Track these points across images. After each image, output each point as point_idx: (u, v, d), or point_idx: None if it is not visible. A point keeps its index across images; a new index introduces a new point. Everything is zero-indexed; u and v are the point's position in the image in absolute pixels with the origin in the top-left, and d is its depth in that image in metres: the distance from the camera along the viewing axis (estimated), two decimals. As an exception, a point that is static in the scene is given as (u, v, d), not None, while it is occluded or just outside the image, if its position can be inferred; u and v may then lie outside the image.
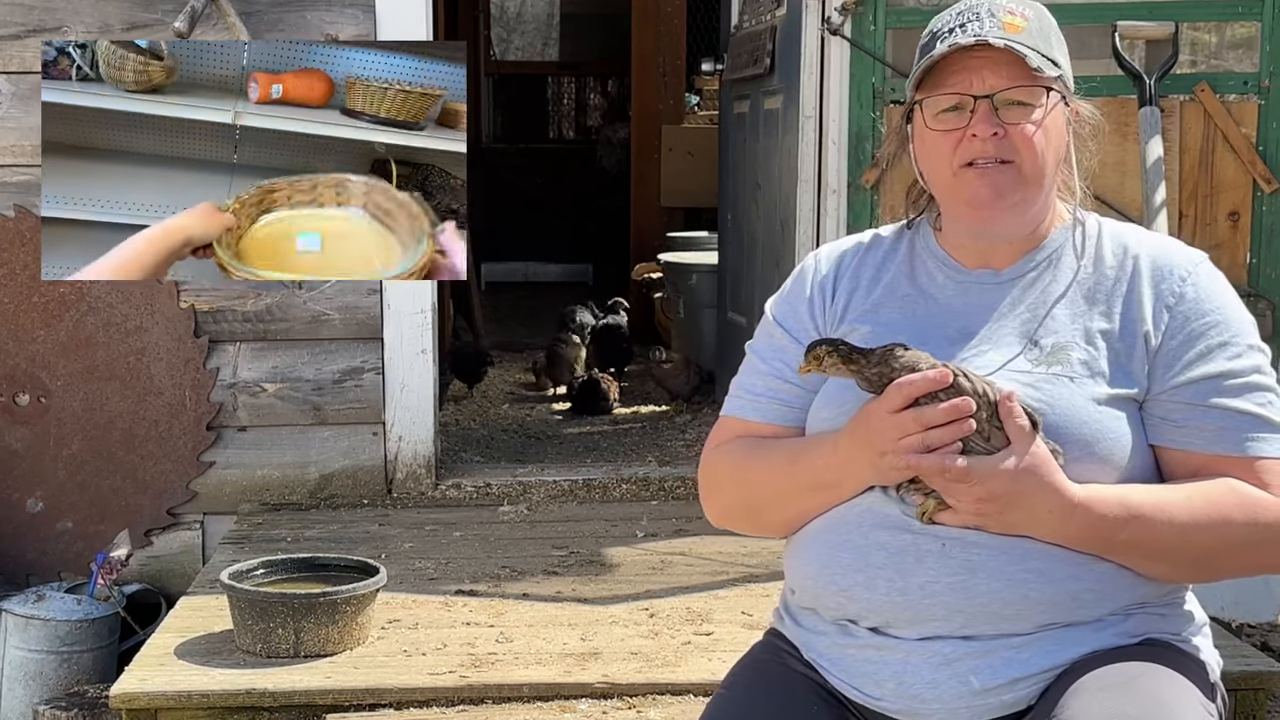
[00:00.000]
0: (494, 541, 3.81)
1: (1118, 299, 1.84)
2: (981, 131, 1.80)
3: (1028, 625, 1.76)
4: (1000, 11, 1.83)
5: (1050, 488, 1.71)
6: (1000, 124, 1.80)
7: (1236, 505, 1.75)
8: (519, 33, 12.74)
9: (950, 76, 1.82)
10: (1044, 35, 1.84)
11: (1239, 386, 1.79)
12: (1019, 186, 1.82)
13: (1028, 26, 1.83)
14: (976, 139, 1.80)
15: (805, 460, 1.85)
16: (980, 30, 1.81)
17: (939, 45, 1.82)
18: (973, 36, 1.80)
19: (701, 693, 2.78)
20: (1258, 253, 4.09)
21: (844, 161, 4.12)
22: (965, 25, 1.82)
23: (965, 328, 1.87)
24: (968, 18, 1.83)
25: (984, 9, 1.83)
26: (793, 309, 1.98)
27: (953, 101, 1.82)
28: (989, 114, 1.80)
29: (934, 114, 1.84)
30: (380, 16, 4.02)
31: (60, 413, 4.03)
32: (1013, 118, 1.81)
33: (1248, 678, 2.85)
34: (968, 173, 1.82)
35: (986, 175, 1.81)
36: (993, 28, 1.81)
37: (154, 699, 2.79)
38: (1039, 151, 1.81)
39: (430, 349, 4.18)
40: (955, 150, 1.82)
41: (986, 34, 1.80)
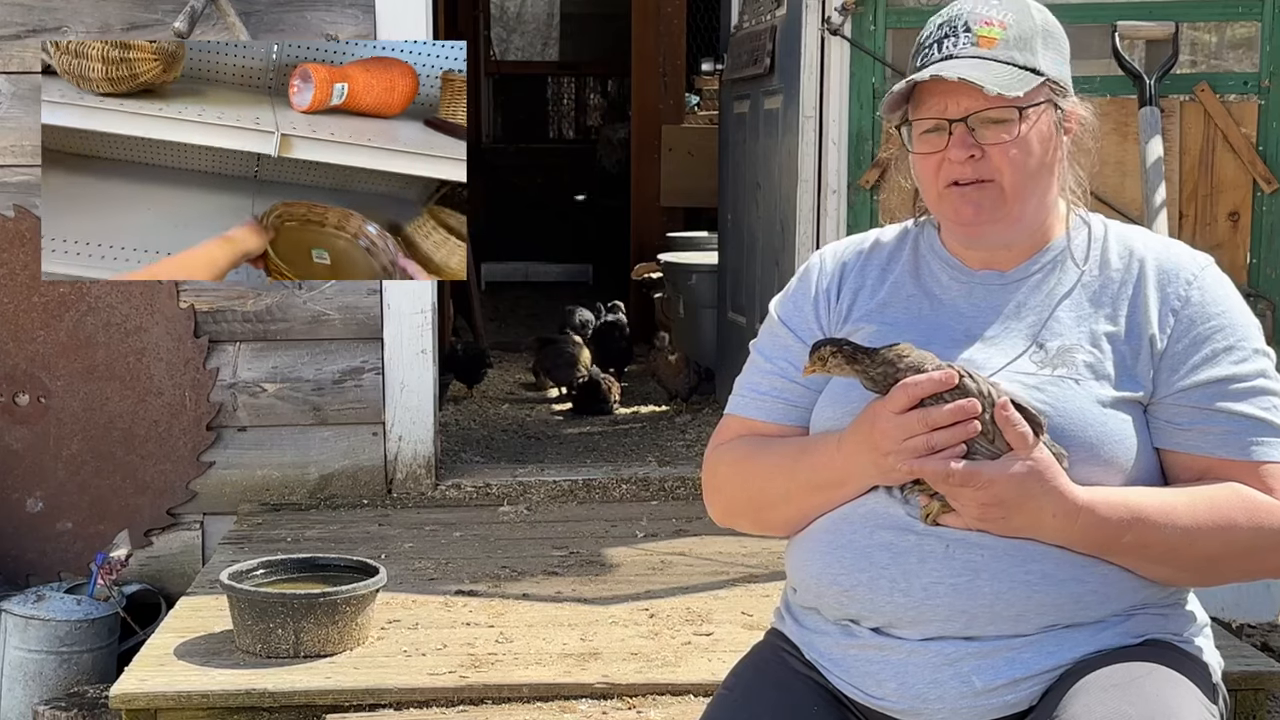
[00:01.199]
0: (494, 541, 3.81)
1: (1124, 302, 1.84)
2: (956, 155, 1.81)
3: (1030, 626, 1.76)
4: (977, 24, 1.82)
5: (1055, 491, 1.71)
6: (977, 145, 1.80)
7: (1240, 509, 1.75)
8: (519, 33, 12.74)
9: (928, 98, 1.83)
10: (1024, 41, 1.83)
11: (1244, 391, 1.79)
12: (1000, 204, 1.83)
13: (1005, 36, 1.82)
14: (953, 162, 1.81)
15: (809, 459, 1.85)
16: (954, 48, 1.81)
17: (918, 64, 1.83)
18: (940, 62, 1.80)
19: (701, 693, 2.78)
20: (1258, 253, 4.09)
21: (844, 161, 4.12)
22: (943, 41, 1.83)
23: (970, 328, 1.87)
24: (946, 31, 1.84)
25: (961, 23, 1.83)
26: (798, 308, 1.99)
27: (931, 124, 1.83)
28: (964, 137, 1.80)
29: (918, 134, 1.85)
30: (380, 16, 4.02)
31: (60, 413, 4.03)
32: (990, 137, 1.80)
33: (1248, 678, 2.85)
34: (950, 193, 1.84)
35: (968, 196, 1.82)
36: (966, 44, 1.81)
37: (154, 699, 2.79)
38: (1019, 167, 1.81)
39: (430, 349, 4.17)
40: (938, 171, 1.83)
41: (958, 53, 1.80)
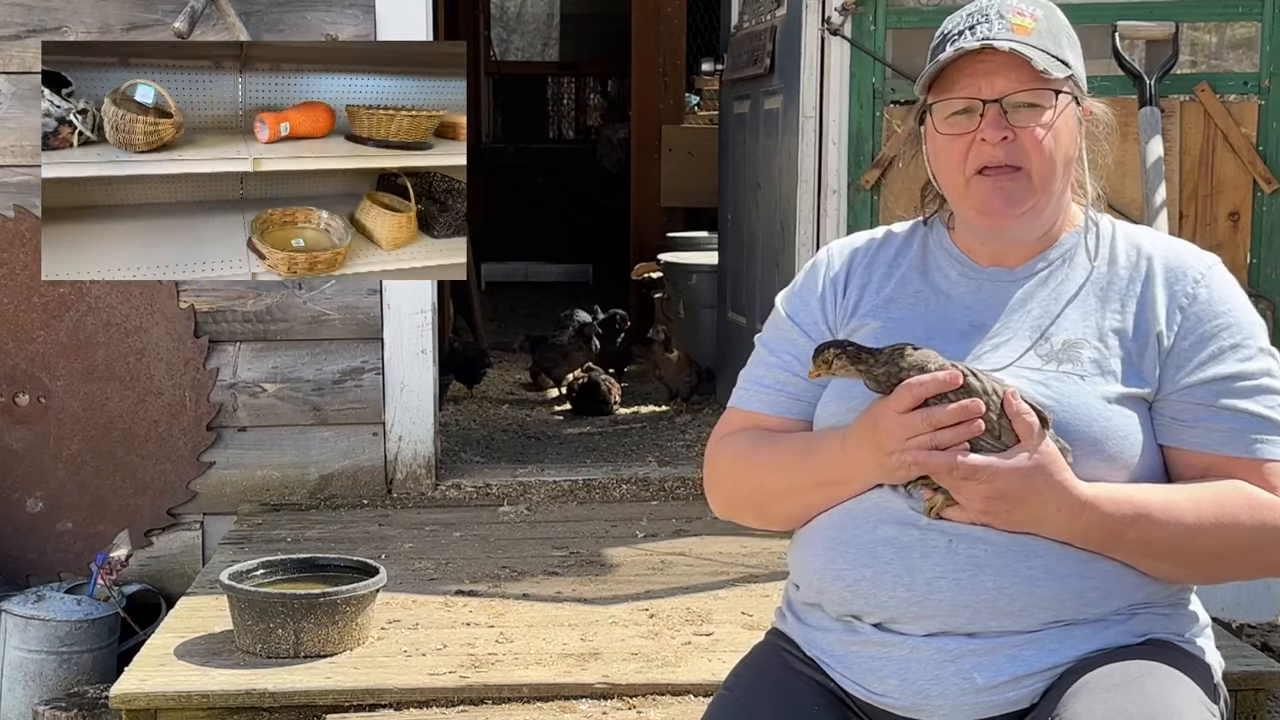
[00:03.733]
0: (494, 542, 3.81)
1: (1131, 299, 1.84)
2: (990, 136, 1.80)
3: (1032, 622, 1.76)
4: (1010, 13, 1.83)
5: (1059, 486, 1.71)
6: (1009, 127, 1.80)
7: (1244, 507, 1.75)
8: (519, 33, 12.74)
9: (960, 80, 1.82)
10: (1054, 35, 1.84)
11: (1249, 389, 1.79)
12: (1029, 194, 1.82)
13: (1037, 27, 1.82)
14: (986, 144, 1.80)
15: (813, 456, 1.85)
16: (989, 32, 1.81)
17: (948, 48, 1.82)
18: (980, 40, 1.80)
19: (701, 693, 2.78)
20: (1258, 253, 4.09)
21: (844, 161, 4.12)
22: (974, 27, 1.82)
23: (977, 324, 1.87)
24: (977, 19, 1.83)
25: (993, 10, 1.83)
26: (804, 303, 1.98)
27: (962, 105, 1.82)
28: (998, 118, 1.80)
29: (944, 117, 1.84)
30: (380, 16, 4.02)
31: (60, 413, 4.03)
32: (1022, 120, 1.80)
33: (1248, 678, 2.85)
34: (980, 180, 1.83)
35: (999, 185, 1.81)
36: (1001, 30, 1.81)
37: (154, 699, 2.79)
38: (1048, 155, 1.81)
39: (430, 349, 4.18)
40: (966, 156, 1.82)
41: (994, 37, 1.80)
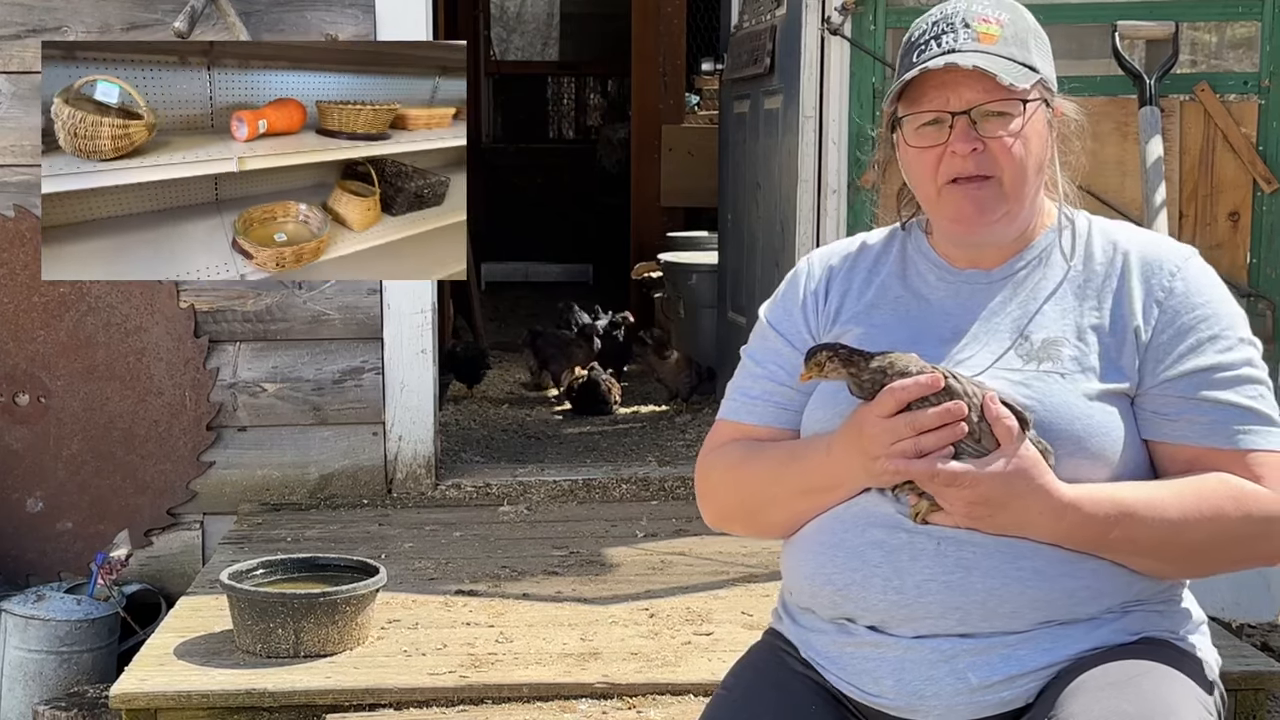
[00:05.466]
0: (494, 541, 3.81)
1: (1108, 294, 1.84)
2: (960, 148, 1.80)
3: (1024, 623, 1.76)
4: (975, 20, 1.83)
5: (1040, 490, 1.71)
6: (979, 138, 1.80)
7: (1229, 499, 1.75)
8: (519, 33, 12.74)
9: (928, 92, 1.82)
10: (1020, 40, 1.84)
11: (1230, 379, 1.79)
12: (1001, 201, 1.83)
13: (1003, 34, 1.82)
14: (956, 155, 1.81)
15: (799, 464, 1.86)
16: (955, 43, 1.81)
17: (914, 59, 1.83)
18: (944, 55, 1.80)
19: (701, 693, 2.78)
20: (1258, 253, 4.08)
21: (844, 161, 4.12)
22: (940, 37, 1.82)
23: (957, 327, 1.87)
24: (943, 28, 1.83)
25: (959, 19, 1.83)
26: (787, 313, 1.99)
27: (931, 117, 1.82)
28: (967, 130, 1.81)
29: (914, 129, 1.84)
30: (380, 16, 4.02)
31: (60, 413, 4.03)
32: (991, 130, 1.81)
33: (1248, 678, 2.85)
34: (951, 190, 1.83)
35: (969, 193, 1.82)
36: (967, 40, 1.81)
37: (154, 699, 2.79)
38: (1019, 162, 1.82)
39: (430, 349, 4.18)
40: (938, 166, 1.83)
41: (960, 48, 1.80)
